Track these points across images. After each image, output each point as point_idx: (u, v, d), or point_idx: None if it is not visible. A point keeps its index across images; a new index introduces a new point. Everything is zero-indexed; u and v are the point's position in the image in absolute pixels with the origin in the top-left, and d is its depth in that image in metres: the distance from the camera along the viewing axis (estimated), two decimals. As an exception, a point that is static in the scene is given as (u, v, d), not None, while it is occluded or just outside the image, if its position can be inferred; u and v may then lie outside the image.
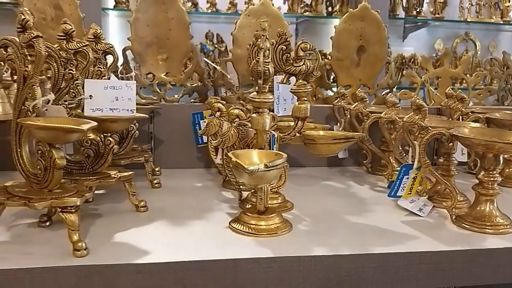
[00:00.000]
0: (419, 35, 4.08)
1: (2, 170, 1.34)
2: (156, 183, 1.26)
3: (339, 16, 3.89)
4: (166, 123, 1.46)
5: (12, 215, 1.00)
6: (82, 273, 0.78)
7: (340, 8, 3.90)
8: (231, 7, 3.88)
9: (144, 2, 1.46)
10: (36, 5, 1.43)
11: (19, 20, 0.86)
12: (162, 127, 1.46)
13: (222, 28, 3.76)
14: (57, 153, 0.83)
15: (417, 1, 4.02)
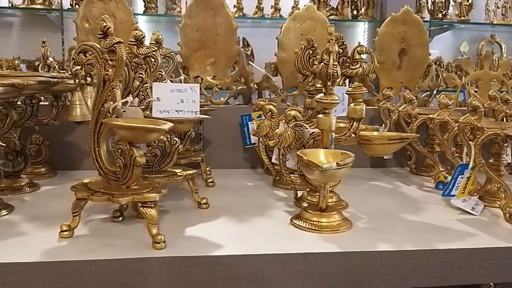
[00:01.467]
0: (444, 38, 4.08)
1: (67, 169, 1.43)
2: (210, 182, 1.30)
3: (365, 19, 3.93)
4: (215, 124, 1.50)
5: (84, 211, 1.05)
6: (165, 264, 0.83)
7: (365, 11, 3.93)
8: (257, 11, 3.94)
9: (194, 8, 1.51)
10: (92, 12, 1.49)
11: (100, 27, 0.91)
12: (210, 129, 1.51)
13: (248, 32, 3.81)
14: (137, 151, 0.88)
15: (442, 3, 4.03)
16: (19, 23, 3.94)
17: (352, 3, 3.95)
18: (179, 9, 3.85)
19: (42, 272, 0.80)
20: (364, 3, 3.93)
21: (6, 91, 0.84)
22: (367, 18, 3.90)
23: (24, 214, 1.04)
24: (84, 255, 0.83)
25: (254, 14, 3.89)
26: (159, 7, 3.88)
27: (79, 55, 0.95)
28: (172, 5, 3.84)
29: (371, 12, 3.92)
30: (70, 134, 1.45)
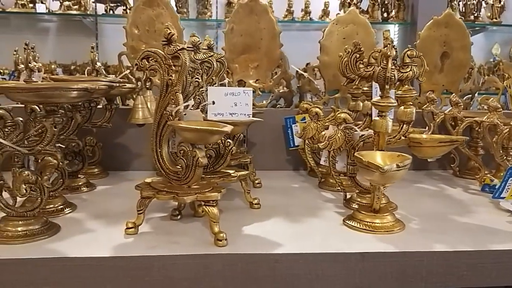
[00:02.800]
0: (476, 40, 4.01)
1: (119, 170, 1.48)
2: (257, 183, 1.34)
3: (395, 21, 3.92)
4: (258, 127, 1.53)
5: (142, 210, 1.10)
6: (228, 260, 0.86)
7: (396, 13, 3.92)
8: (287, 14, 3.97)
9: (239, 14, 1.55)
10: (141, 18, 1.55)
11: (164, 34, 0.95)
12: (254, 131, 1.54)
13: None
14: (200, 152, 0.92)
15: (474, 5, 3.99)
16: (55, 29, 4.07)
17: (383, 6, 3.94)
18: (210, 13, 3.91)
19: (114, 266, 0.84)
20: (395, 6, 3.92)
21: (79, 95, 0.89)
22: (397, 21, 3.88)
23: (87, 212, 1.09)
24: (151, 251, 0.87)
25: (284, 17, 3.92)
26: (190, 12, 3.96)
27: (142, 60, 0.99)
28: (203, 9, 3.91)
29: (402, 14, 3.91)
30: (121, 137, 1.51)
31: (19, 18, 3.90)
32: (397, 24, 3.94)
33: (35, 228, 0.92)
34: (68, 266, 0.83)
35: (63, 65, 3.87)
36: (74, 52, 3.84)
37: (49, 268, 0.83)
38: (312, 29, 3.99)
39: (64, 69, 3.83)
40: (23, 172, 0.92)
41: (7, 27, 3.96)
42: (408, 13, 3.93)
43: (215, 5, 4.04)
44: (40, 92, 0.85)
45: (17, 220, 0.92)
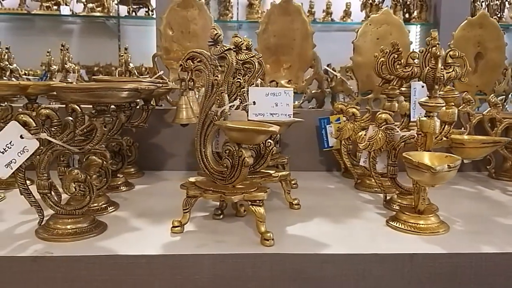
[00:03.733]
0: (500, 41, 3.98)
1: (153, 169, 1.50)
2: (294, 183, 1.34)
3: (417, 22, 3.89)
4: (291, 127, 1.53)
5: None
6: (276, 260, 0.86)
7: (418, 14, 3.89)
8: (309, 15, 3.96)
9: (273, 15, 1.56)
10: (176, 19, 1.56)
11: (211, 35, 0.96)
12: (287, 132, 1.54)
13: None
14: (246, 152, 0.92)
15: (498, 6, 3.94)
16: (79, 30, 4.12)
17: (405, 6, 3.92)
18: (230, 14, 3.93)
19: (164, 264, 0.85)
20: (417, 6, 3.89)
21: (129, 95, 0.90)
22: (420, 21, 3.85)
23: (130, 211, 1.10)
24: (200, 249, 0.87)
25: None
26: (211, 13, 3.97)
27: (187, 61, 1.00)
28: (224, 11, 3.92)
29: (424, 15, 3.88)
30: (156, 137, 1.52)
31: (44, 20, 3.96)
32: (419, 25, 3.91)
33: (83, 226, 0.94)
34: (119, 263, 0.84)
35: (86, 66, 3.91)
36: (97, 54, 3.89)
37: (100, 266, 0.84)
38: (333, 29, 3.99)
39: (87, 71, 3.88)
40: (73, 171, 0.93)
41: (32, 29, 4.02)
42: (430, 14, 3.90)
43: (236, 6, 4.06)
44: (94, 92, 0.86)
45: (66, 218, 0.93)
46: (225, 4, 3.92)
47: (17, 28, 4.04)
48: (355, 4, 3.94)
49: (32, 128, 0.91)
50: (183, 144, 1.54)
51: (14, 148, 0.90)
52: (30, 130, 0.91)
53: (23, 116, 0.91)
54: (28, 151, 0.91)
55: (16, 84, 1.12)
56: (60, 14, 3.82)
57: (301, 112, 1.58)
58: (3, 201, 1.16)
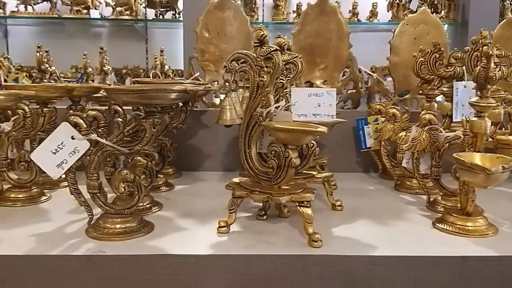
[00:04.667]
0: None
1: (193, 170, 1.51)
2: (333, 184, 1.33)
3: (445, 21, 3.83)
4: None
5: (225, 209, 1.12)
6: (325, 261, 0.86)
7: (446, 13, 3.83)
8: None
9: (308, 16, 1.56)
10: (212, 21, 1.57)
11: (257, 36, 0.96)
12: (323, 133, 1.53)
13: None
14: (293, 153, 0.92)
15: (528, 5, 3.85)
16: (107, 34, 4.19)
17: (432, 6, 3.86)
18: (256, 16, 3.94)
19: (213, 264, 0.86)
20: (445, 6, 3.83)
21: (177, 96, 0.91)
22: (448, 21, 3.79)
23: (173, 211, 1.11)
24: (249, 250, 0.88)
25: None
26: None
27: (232, 62, 1.01)
28: (250, 12, 3.93)
29: (452, 14, 3.82)
30: (193, 138, 1.54)
31: (74, 24, 4.04)
32: (447, 24, 3.84)
33: (132, 226, 0.95)
34: (170, 263, 0.85)
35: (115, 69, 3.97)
36: (125, 57, 3.94)
37: (151, 265, 0.85)
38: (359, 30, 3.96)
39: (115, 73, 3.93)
40: (122, 171, 0.95)
41: (62, 33, 4.11)
42: (458, 13, 3.83)
43: (261, 8, 4.07)
44: (146, 94, 0.87)
45: (116, 218, 0.95)
46: (251, 5, 3.93)
47: (48, 32, 4.14)
48: (381, 4, 3.91)
49: (83, 129, 0.93)
50: (219, 145, 1.55)
51: (65, 149, 0.92)
52: (81, 131, 0.93)
53: (74, 118, 0.93)
54: (79, 152, 0.93)
55: (64, 86, 1.15)
56: (90, 18, 3.89)
57: (337, 113, 1.58)
58: (49, 201, 1.18)
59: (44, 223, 1.02)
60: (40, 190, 1.18)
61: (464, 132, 1.07)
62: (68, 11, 3.89)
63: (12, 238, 0.92)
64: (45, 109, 1.13)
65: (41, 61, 1.59)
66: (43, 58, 1.62)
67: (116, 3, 3.84)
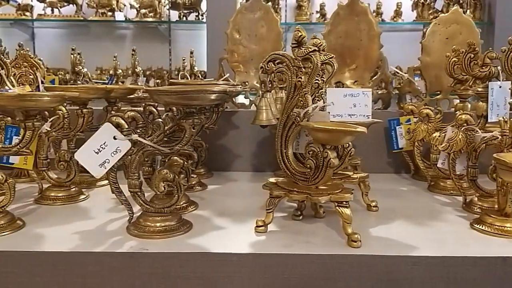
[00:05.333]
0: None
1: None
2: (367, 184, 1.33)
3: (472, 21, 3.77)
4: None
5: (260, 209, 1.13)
6: (365, 261, 0.86)
7: (472, 13, 3.77)
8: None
9: (338, 16, 1.56)
10: (242, 23, 1.58)
11: (295, 37, 0.97)
12: (353, 133, 1.53)
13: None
14: (332, 153, 0.93)
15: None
16: (131, 35, 4.25)
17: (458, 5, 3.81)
18: (279, 17, 3.94)
19: (253, 262, 0.87)
20: (471, 5, 3.78)
21: (217, 97, 0.93)
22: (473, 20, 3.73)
23: (209, 210, 1.13)
24: (288, 249, 0.88)
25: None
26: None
27: (268, 63, 1.02)
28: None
29: (478, 14, 3.76)
30: (223, 138, 1.55)
31: (99, 26, 4.11)
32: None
33: (172, 224, 0.97)
34: (211, 261, 0.87)
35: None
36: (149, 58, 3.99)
37: (193, 262, 0.86)
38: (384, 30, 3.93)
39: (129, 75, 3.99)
40: (162, 171, 0.96)
41: (87, 35, 4.18)
42: (484, 13, 3.78)
43: (284, 8, 4.08)
44: (187, 94, 0.89)
45: (156, 216, 0.97)
46: (274, 6, 3.93)
47: (74, 34, 4.22)
48: (406, 3, 3.88)
49: (125, 129, 0.95)
50: (248, 145, 1.56)
51: (107, 148, 0.95)
52: (123, 131, 0.95)
53: (116, 118, 0.95)
54: (121, 152, 0.95)
55: (103, 88, 1.18)
56: (115, 20, 3.95)
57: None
58: (87, 200, 1.21)
59: (85, 221, 1.04)
60: (79, 189, 1.21)
61: (502, 132, 1.06)
62: (93, 13, 3.96)
63: (56, 235, 0.95)
64: (84, 110, 1.16)
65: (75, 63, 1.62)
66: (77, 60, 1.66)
67: (140, 5, 3.89)
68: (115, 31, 4.23)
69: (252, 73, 1.61)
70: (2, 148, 0.94)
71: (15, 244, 0.90)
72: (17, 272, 0.87)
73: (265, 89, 1.05)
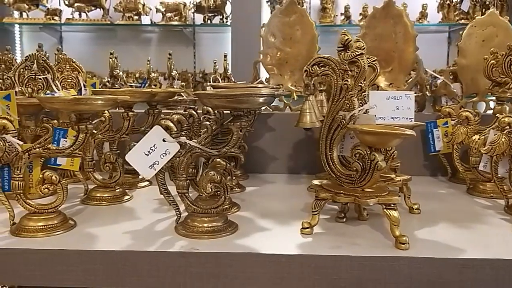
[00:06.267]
0: None
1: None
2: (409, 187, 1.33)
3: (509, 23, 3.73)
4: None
5: (303, 211, 1.15)
6: (415, 263, 0.87)
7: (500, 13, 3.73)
8: None
9: (374, 19, 1.56)
10: (278, 26, 1.60)
11: (341, 40, 0.98)
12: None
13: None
14: (379, 156, 0.93)
15: None
16: (157, 39, 4.31)
17: (484, 6, 3.77)
18: (303, 19, 3.95)
19: (303, 264, 0.88)
20: (498, 6, 3.74)
21: (265, 100, 0.94)
22: (501, 21, 3.69)
23: (251, 211, 1.14)
24: (336, 251, 0.89)
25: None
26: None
27: (313, 67, 1.03)
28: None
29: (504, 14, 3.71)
30: (258, 140, 1.57)
31: (125, 30, 4.18)
32: (500, 25, 3.74)
33: (219, 225, 0.98)
34: (261, 261, 0.88)
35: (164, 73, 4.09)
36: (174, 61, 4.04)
37: (243, 263, 0.88)
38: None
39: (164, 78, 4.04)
40: (209, 172, 0.98)
41: (114, 39, 4.26)
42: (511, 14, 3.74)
43: (308, 10, 4.08)
44: (237, 98, 0.91)
45: (204, 217, 0.99)
46: None
47: (100, 38, 4.30)
48: (431, 5, 3.86)
49: (173, 132, 0.97)
50: (283, 147, 1.58)
51: (157, 150, 0.97)
52: (172, 134, 0.97)
53: (165, 121, 0.98)
54: (170, 154, 0.97)
55: (149, 92, 1.20)
56: (141, 24, 4.01)
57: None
58: (131, 201, 1.24)
59: (133, 221, 1.07)
60: (123, 190, 1.24)
61: (548, 135, 1.05)
62: (120, 17, 4.03)
63: (107, 234, 0.98)
64: (130, 113, 1.19)
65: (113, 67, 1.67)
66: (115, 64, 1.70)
67: (166, 9, 3.95)
68: (141, 34, 4.30)
69: (286, 76, 1.63)
70: (56, 150, 0.97)
71: (69, 243, 0.93)
72: (71, 270, 0.90)
73: (309, 92, 1.06)
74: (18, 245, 0.91)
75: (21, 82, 1.27)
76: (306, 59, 1.60)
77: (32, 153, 0.96)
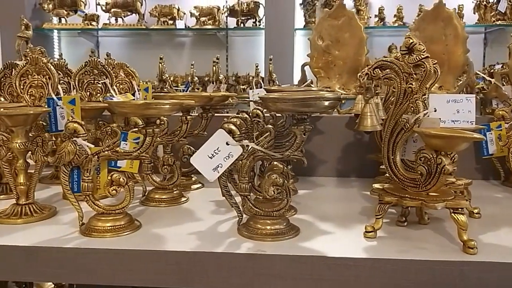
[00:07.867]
0: None
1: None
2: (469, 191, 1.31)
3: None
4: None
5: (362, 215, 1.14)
6: (484, 268, 0.86)
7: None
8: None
9: (423, 21, 1.55)
10: (326, 29, 1.60)
11: (406, 43, 0.98)
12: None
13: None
14: (446, 159, 0.93)
15: None
16: (191, 43, 4.37)
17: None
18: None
19: (371, 267, 0.88)
20: (530, 7, 3.66)
21: (330, 104, 0.95)
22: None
23: (309, 215, 1.14)
24: (403, 255, 0.89)
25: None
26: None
27: (375, 70, 1.03)
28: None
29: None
30: (307, 143, 1.57)
31: (160, 34, 4.25)
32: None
33: (281, 228, 0.99)
34: (329, 264, 0.88)
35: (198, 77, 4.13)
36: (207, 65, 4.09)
37: (310, 265, 0.89)
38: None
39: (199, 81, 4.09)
40: (272, 175, 0.99)
41: (149, 43, 4.33)
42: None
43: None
44: (304, 102, 0.92)
45: (267, 219, 1.00)
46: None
47: (136, 42, 4.38)
48: (467, 5, 3.79)
49: (236, 135, 0.98)
50: (333, 151, 1.58)
51: (220, 153, 0.99)
52: (235, 137, 0.98)
53: (228, 125, 0.99)
54: (233, 157, 0.99)
55: (207, 95, 1.23)
56: (175, 28, 4.07)
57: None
58: (188, 202, 1.26)
59: (194, 222, 1.09)
60: (180, 192, 1.26)
61: None
62: (155, 22, 4.10)
63: (173, 235, 1.00)
64: (188, 116, 1.21)
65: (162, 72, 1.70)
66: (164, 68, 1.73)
67: (200, 13, 3.99)
68: (175, 38, 4.36)
69: (334, 79, 1.63)
70: (124, 152, 1.00)
71: (137, 243, 0.95)
72: (139, 270, 0.92)
73: (370, 95, 1.06)
74: (89, 245, 0.94)
75: (80, 87, 1.31)
76: (354, 62, 1.61)
77: (101, 156, 0.99)
